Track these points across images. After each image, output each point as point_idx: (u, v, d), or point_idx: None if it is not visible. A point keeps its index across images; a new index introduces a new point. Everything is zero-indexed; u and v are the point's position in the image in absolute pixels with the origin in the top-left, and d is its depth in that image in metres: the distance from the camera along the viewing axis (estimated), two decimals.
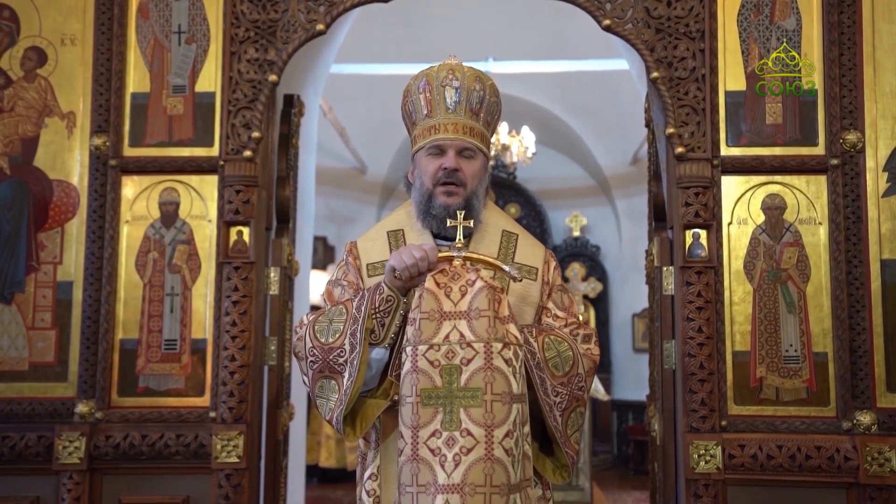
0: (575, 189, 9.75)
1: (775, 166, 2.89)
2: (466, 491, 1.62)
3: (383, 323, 1.83)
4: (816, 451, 2.74)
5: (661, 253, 3.02)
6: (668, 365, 2.96)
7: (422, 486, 1.65)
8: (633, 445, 8.21)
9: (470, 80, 1.98)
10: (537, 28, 7.47)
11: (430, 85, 1.97)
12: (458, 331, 1.71)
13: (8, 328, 2.97)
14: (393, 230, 2.06)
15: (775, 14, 2.94)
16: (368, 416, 1.87)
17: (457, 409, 1.67)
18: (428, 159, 1.98)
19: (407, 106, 2.04)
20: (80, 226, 3.00)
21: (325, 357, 1.85)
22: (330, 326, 1.86)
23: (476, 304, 1.72)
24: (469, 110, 1.97)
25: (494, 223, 2.06)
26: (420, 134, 2.00)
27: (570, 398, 1.87)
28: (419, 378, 1.69)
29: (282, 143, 3.25)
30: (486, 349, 1.69)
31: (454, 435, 1.65)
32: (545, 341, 1.88)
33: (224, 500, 2.83)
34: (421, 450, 1.67)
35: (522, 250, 2.04)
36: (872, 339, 2.81)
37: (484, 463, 1.63)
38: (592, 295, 9.40)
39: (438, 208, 1.94)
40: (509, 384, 1.69)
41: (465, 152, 1.96)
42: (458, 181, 1.94)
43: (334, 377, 1.84)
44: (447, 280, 1.76)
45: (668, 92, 2.90)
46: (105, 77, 3.02)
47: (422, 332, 1.72)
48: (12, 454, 2.86)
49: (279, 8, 2.99)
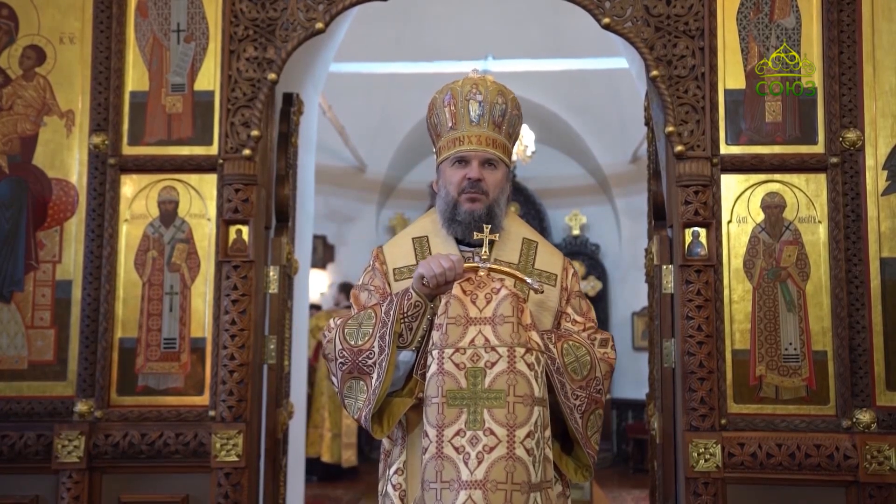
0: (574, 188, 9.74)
1: (775, 165, 2.89)
2: (489, 487, 1.69)
3: (411, 327, 1.91)
4: (816, 449, 2.74)
5: (661, 251, 3.02)
6: (668, 363, 2.96)
7: (445, 483, 1.73)
8: (632, 444, 8.21)
9: (493, 93, 2.06)
10: (537, 26, 7.47)
11: (454, 99, 2.06)
12: (483, 335, 1.80)
13: (7, 327, 2.97)
14: (418, 237, 2.14)
15: (775, 12, 2.94)
16: (395, 414, 1.94)
17: (481, 409, 1.75)
18: (453, 170, 2.06)
19: (432, 118, 2.13)
20: (79, 224, 3.00)
21: (354, 359, 1.93)
22: (359, 330, 1.94)
23: (501, 311, 1.81)
24: (492, 123, 2.06)
25: (516, 231, 2.15)
26: (445, 145, 2.08)
27: (589, 401, 1.95)
28: (445, 380, 1.77)
29: (281, 141, 3.25)
30: (510, 353, 1.78)
31: (478, 434, 1.73)
32: (564, 347, 1.95)
33: (223, 498, 2.83)
34: (445, 448, 1.74)
35: (542, 257, 2.13)
36: (872, 337, 2.81)
37: (506, 461, 1.71)
38: (592, 293, 9.39)
39: (464, 214, 2.03)
40: (531, 387, 1.77)
41: (488, 163, 2.05)
42: (481, 190, 2.03)
43: (363, 378, 1.92)
44: (473, 288, 1.85)
45: (667, 90, 2.89)
46: (104, 75, 3.02)
47: (448, 336, 1.80)
48: (11, 453, 2.86)
49: (278, 6, 2.99)
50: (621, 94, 7.65)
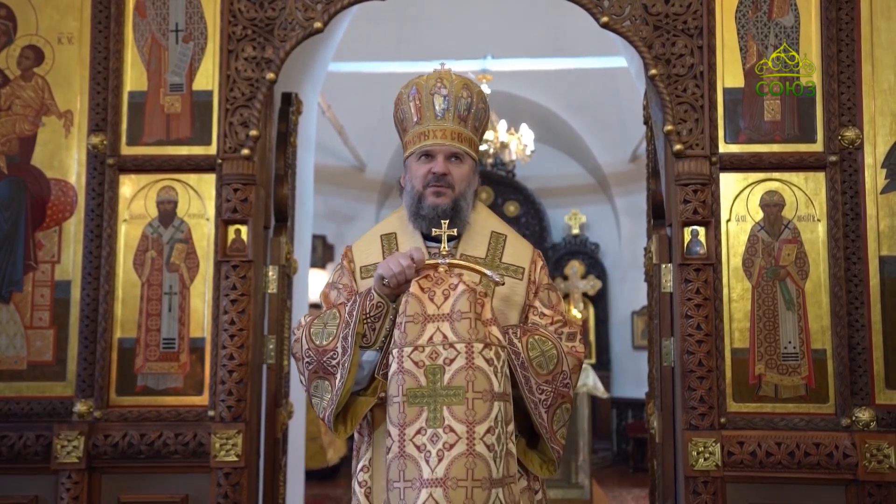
0: (574, 187, 9.75)
1: (774, 163, 2.88)
2: (449, 485, 1.69)
3: (374, 327, 1.90)
4: (815, 448, 2.74)
5: (660, 250, 3.02)
6: (667, 362, 2.95)
7: (408, 482, 1.73)
8: (632, 443, 8.22)
9: (458, 87, 2.06)
10: (536, 26, 7.46)
11: (419, 93, 2.05)
12: (442, 332, 1.79)
13: (6, 327, 2.97)
14: (386, 234, 2.14)
15: (773, 10, 2.94)
16: (358, 414, 1.95)
17: (440, 407, 1.75)
18: (418, 164, 2.06)
19: (398, 114, 2.13)
20: (78, 225, 2.99)
21: (319, 359, 1.93)
22: (324, 329, 1.94)
23: (458, 307, 1.80)
24: (457, 117, 2.05)
25: (483, 224, 2.13)
26: (411, 140, 2.08)
27: (556, 395, 1.94)
28: (405, 378, 1.77)
29: (280, 141, 3.25)
30: (468, 349, 1.77)
31: (438, 432, 1.73)
32: (529, 341, 1.94)
33: (223, 498, 2.83)
34: (407, 447, 1.74)
35: (510, 250, 2.11)
36: (871, 335, 2.81)
37: (466, 458, 1.71)
38: (592, 293, 9.40)
39: (428, 209, 2.02)
40: (490, 383, 1.77)
41: (453, 157, 2.05)
42: (446, 184, 2.02)
43: (328, 378, 1.93)
44: (431, 285, 1.84)
45: (666, 89, 2.89)
46: (102, 76, 3.01)
47: (407, 334, 1.80)
48: (11, 454, 2.86)
49: (276, 6, 2.99)
50: (621, 93, 7.65)
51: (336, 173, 8.89)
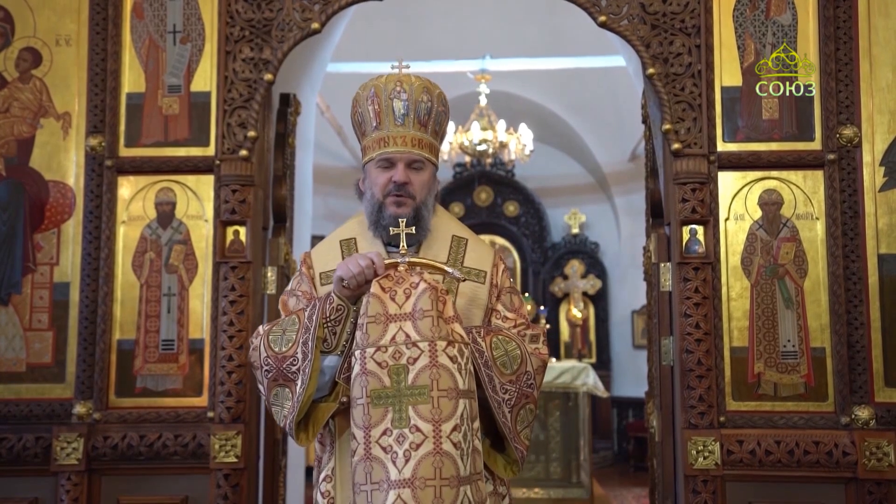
0: (573, 186, 9.74)
1: (772, 162, 2.88)
2: (417, 485, 1.68)
3: (335, 331, 1.88)
4: (815, 446, 2.74)
5: (659, 249, 3.02)
6: (666, 361, 2.95)
7: (375, 484, 1.71)
8: (633, 442, 8.22)
9: (418, 91, 2.02)
10: (534, 25, 7.46)
11: (378, 97, 2.01)
12: (404, 332, 1.77)
13: (5, 329, 2.97)
14: (345, 239, 2.11)
15: (771, 9, 2.93)
16: (319, 420, 1.93)
17: (405, 406, 1.73)
18: (378, 171, 2.02)
19: (356, 116, 2.08)
20: (77, 226, 2.99)
21: (278, 366, 1.90)
22: (283, 336, 1.91)
23: (420, 305, 1.78)
24: (417, 122, 2.01)
25: (444, 228, 2.11)
26: (370, 145, 2.04)
27: (519, 395, 1.93)
28: (368, 380, 1.75)
29: (278, 142, 3.25)
30: (431, 348, 1.76)
31: (404, 432, 1.72)
32: (493, 341, 1.93)
33: (223, 499, 2.83)
34: (374, 449, 1.72)
35: (472, 254, 2.09)
36: (870, 333, 2.81)
37: (433, 457, 1.69)
38: (592, 292, 9.40)
39: (388, 218, 1.98)
40: (455, 380, 1.75)
41: (414, 164, 2.01)
42: (407, 193, 1.98)
43: (288, 385, 1.90)
44: (392, 284, 1.82)
45: (664, 88, 2.89)
46: (100, 77, 3.01)
47: (369, 335, 1.78)
48: (10, 455, 2.86)
49: (274, 7, 2.98)
50: (619, 93, 7.64)
51: (335, 174, 8.88)
